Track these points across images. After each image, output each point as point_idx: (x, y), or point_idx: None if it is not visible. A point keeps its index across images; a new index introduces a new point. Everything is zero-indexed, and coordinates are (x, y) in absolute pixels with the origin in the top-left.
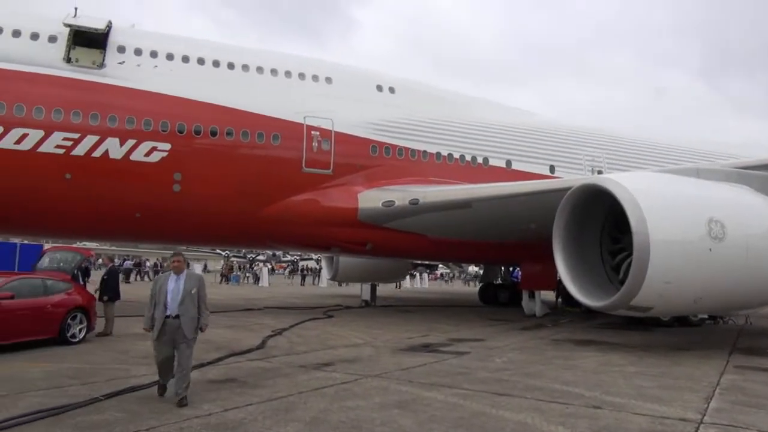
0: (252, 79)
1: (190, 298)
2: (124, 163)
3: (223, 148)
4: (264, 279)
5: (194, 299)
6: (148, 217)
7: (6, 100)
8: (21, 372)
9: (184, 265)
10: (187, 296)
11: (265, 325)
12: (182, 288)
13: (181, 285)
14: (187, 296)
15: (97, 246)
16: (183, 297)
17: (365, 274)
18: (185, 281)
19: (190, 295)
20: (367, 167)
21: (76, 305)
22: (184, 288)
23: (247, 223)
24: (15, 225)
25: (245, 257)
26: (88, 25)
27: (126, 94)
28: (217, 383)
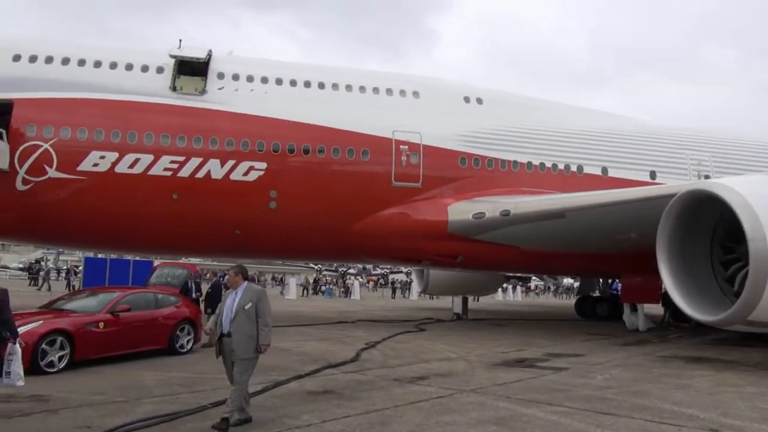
0: (342, 97)
1: (244, 315)
2: (225, 182)
3: (316, 166)
4: (356, 292)
5: (249, 315)
6: (247, 233)
7: (120, 128)
8: (137, 380)
9: (239, 278)
10: (241, 312)
11: (358, 338)
12: (236, 303)
13: (236, 300)
14: (241, 312)
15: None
16: (236, 313)
17: (456, 287)
18: (241, 296)
19: (243, 310)
20: (457, 179)
21: (184, 317)
22: (238, 303)
23: (338, 238)
24: (129, 243)
25: (337, 271)
26: (191, 55)
27: (225, 117)
28: (315, 394)
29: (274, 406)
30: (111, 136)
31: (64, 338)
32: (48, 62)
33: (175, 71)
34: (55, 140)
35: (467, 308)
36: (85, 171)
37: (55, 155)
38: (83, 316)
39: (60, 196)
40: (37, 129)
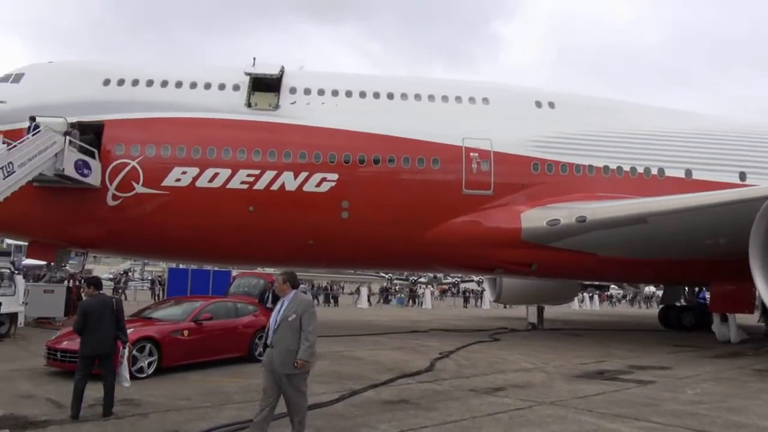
0: (411, 106)
1: (287, 326)
2: (298, 194)
3: (386, 175)
4: (427, 301)
5: (292, 327)
6: (320, 243)
7: (200, 144)
8: (219, 386)
9: (287, 287)
10: (284, 323)
11: (431, 347)
12: (281, 314)
13: (281, 310)
14: (284, 323)
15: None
16: (279, 324)
17: (530, 296)
18: (286, 306)
19: (286, 322)
20: (529, 186)
21: (262, 326)
22: (282, 314)
23: (410, 246)
24: (209, 253)
25: (407, 279)
26: (264, 72)
27: (298, 131)
28: (391, 404)
29: (351, 415)
30: (192, 153)
31: (152, 345)
32: (134, 85)
33: (250, 88)
34: (141, 158)
35: (543, 318)
36: (169, 186)
37: (141, 172)
38: (169, 325)
39: (146, 210)
40: (125, 148)
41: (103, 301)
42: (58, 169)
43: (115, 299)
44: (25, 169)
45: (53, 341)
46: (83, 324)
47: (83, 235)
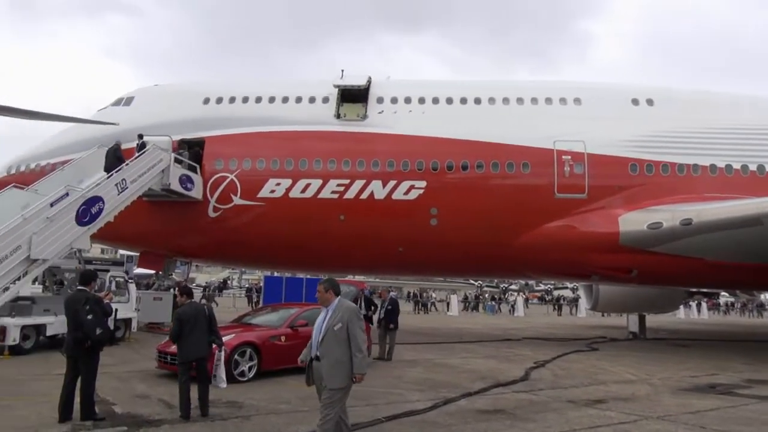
0: (498, 110)
1: (333, 337)
2: (387, 202)
3: (475, 181)
4: (519, 309)
5: (339, 337)
6: (409, 250)
7: (293, 156)
8: (314, 392)
9: (330, 295)
10: (329, 333)
11: (525, 356)
12: (325, 323)
13: (325, 320)
14: (329, 333)
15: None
16: (324, 334)
17: (630, 304)
18: (331, 315)
19: (332, 331)
20: (628, 188)
21: None
22: (327, 323)
23: (500, 253)
24: (302, 262)
25: (497, 287)
26: (352, 83)
27: (386, 139)
28: (486, 413)
29: (446, 423)
30: (285, 165)
31: (252, 350)
32: (231, 102)
33: (339, 100)
34: (238, 171)
35: (645, 327)
36: (264, 197)
37: (239, 184)
38: (267, 330)
39: (243, 221)
40: (224, 162)
41: (196, 309)
42: (165, 183)
43: (207, 306)
44: (136, 184)
45: (163, 345)
46: (179, 331)
47: (187, 245)
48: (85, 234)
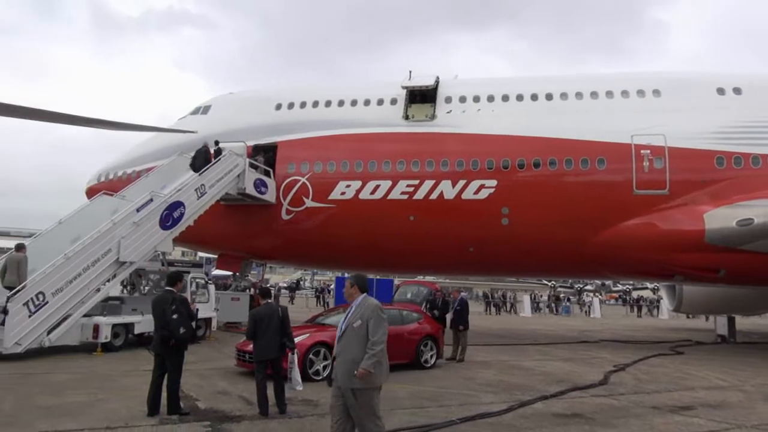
0: (571, 105)
1: (353, 334)
2: (457, 202)
3: (547, 179)
4: (596, 310)
5: (359, 335)
6: (480, 250)
7: (363, 158)
8: (389, 391)
9: (355, 290)
10: (349, 330)
11: (604, 359)
12: (346, 320)
13: (347, 316)
14: (349, 330)
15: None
16: (343, 331)
17: (718, 305)
18: (353, 311)
19: (352, 329)
20: (713, 182)
21: (427, 334)
22: (348, 320)
23: (575, 252)
24: (372, 262)
25: (572, 287)
26: (420, 84)
27: (455, 139)
28: (564, 417)
29: (522, 426)
30: (355, 167)
31: (326, 350)
32: (302, 107)
33: (407, 101)
34: (309, 174)
35: (734, 329)
36: (335, 199)
37: (310, 187)
38: None
39: (315, 223)
40: (296, 166)
41: (270, 310)
42: (241, 188)
43: (281, 308)
44: (214, 189)
45: (241, 344)
46: (254, 330)
47: (262, 247)
48: (168, 237)
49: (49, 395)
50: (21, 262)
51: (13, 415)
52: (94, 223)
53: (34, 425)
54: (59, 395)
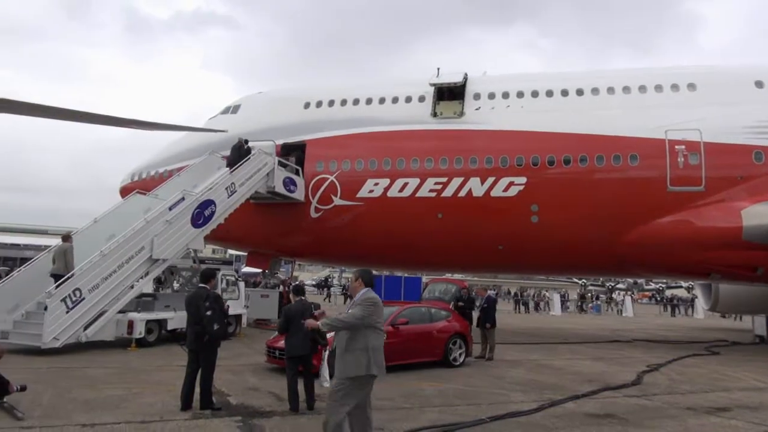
0: (603, 101)
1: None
2: (486, 199)
3: (578, 176)
4: (627, 309)
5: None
6: (509, 248)
7: (391, 156)
8: (417, 389)
9: (359, 284)
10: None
11: (636, 359)
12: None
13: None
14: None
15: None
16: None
17: (756, 304)
18: (351, 304)
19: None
20: (752, 178)
21: (455, 332)
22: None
23: (607, 250)
24: (401, 260)
25: (603, 285)
26: (448, 81)
27: (484, 136)
28: (596, 417)
29: (553, 426)
30: (383, 165)
31: None
32: (330, 105)
33: (435, 98)
34: (338, 173)
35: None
36: (363, 197)
37: (338, 185)
38: None
39: (343, 221)
40: (324, 164)
41: (303, 307)
42: (270, 186)
43: (313, 305)
44: (244, 188)
45: (271, 341)
46: (286, 326)
47: (291, 245)
48: (199, 235)
49: (86, 389)
50: (67, 251)
51: (53, 407)
52: (128, 221)
53: (72, 418)
54: (96, 389)
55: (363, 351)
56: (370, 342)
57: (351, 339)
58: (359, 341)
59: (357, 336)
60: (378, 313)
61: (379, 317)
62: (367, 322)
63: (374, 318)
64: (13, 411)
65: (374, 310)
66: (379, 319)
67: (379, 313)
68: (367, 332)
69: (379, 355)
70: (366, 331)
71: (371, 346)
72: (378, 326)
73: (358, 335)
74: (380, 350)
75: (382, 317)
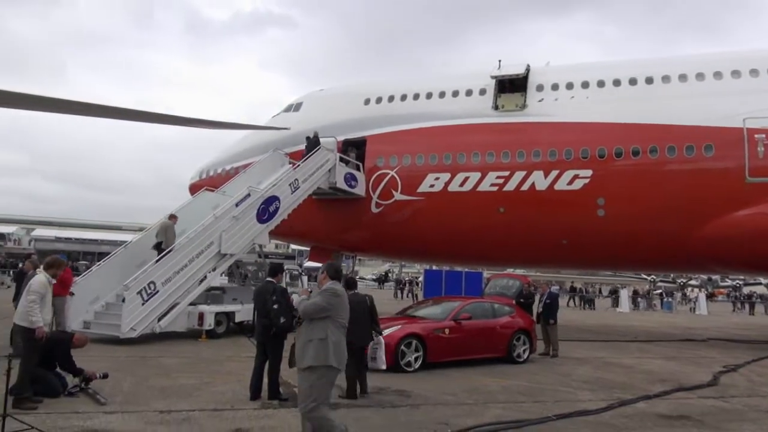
0: (674, 89)
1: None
2: (549, 193)
3: (648, 167)
4: (701, 306)
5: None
6: (574, 242)
7: (451, 150)
8: (481, 385)
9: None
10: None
11: (712, 359)
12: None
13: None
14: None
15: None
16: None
17: None
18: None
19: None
20: None
21: (519, 328)
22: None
23: (679, 245)
24: (461, 255)
25: (674, 282)
26: (510, 73)
27: (547, 128)
28: (669, 419)
29: (623, 426)
30: (443, 159)
31: (418, 341)
32: (390, 101)
33: (496, 90)
34: (398, 167)
35: None
36: (424, 192)
37: (399, 180)
38: (431, 323)
39: (404, 215)
40: (384, 159)
41: (359, 299)
42: (332, 182)
43: (368, 297)
44: (307, 184)
45: None
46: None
47: (352, 239)
48: (264, 230)
49: (162, 377)
50: (168, 228)
51: (132, 394)
52: (198, 217)
53: (151, 404)
54: (171, 377)
55: (322, 341)
56: (330, 334)
57: (311, 329)
58: (319, 332)
59: (317, 327)
60: (340, 307)
61: (342, 311)
62: (327, 314)
63: (336, 311)
64: (96, 396)
65: (336, 302)
66: (341, 314)
67: (342, 307)
68: (328, 324)
69: (340, 348)
70: (327, 323)
71: (331, 338)
72: (339, 320)
73: (318, 326)
74: (341, 343)
75: (346, 312)
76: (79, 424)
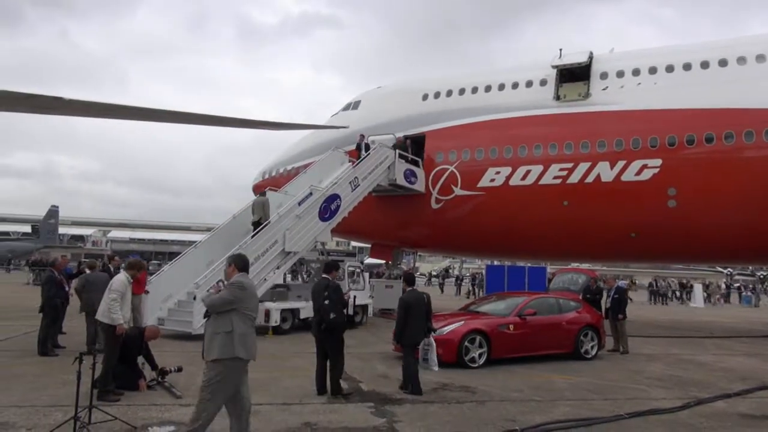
0: (752, 71)
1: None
2: (616, 184)
3: (723, 155)
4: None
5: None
6: (644, 235)
7: (512, 143)
8: (548, 382)
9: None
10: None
11: None
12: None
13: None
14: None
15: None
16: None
17: None
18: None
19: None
20: None
21: (586, 323)
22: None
23: (756, 237)
24: (524, 250)
25: (753, 275)
26: (572, 62)
27: (612, 117)
28: (752, 419)
29: (701, 426)
30: (504, 153)
31: (482, 337)
32: (448, 95)
33: (557, 80)
34: (458, 163)
35: None
36: (484, 187)
37: (459, 176)
38: (495, 319)
39: (464, 211)
40: (444, 155)
41: (417, 296)
42: (391, 179)
43: (425, 294)
44: (367, 182)
45: None
46: (405, 316)
47: (413, 236)
48: (326, 228)
49: None
50: (265, 204)
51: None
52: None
53: None
54: None
55: (228, 334)
56: (236, 326)
57: (217, 322)
58: (225, 325)
59: (223, 320)
60: (247, 299)
61: (249, 303)
62: (233, 306)
63: (243, 303)
64: (171, 390)
65: (242, 295)
66: (248, 305)
67: (249, 299)
68: (233, 316)
69: (247, 339)
70: (232, 315)
71: (237, 330)
72: (247, 312)
73: (224, 319)
74: (248, 335)
75: (255, 304)
76: (158, 416)
